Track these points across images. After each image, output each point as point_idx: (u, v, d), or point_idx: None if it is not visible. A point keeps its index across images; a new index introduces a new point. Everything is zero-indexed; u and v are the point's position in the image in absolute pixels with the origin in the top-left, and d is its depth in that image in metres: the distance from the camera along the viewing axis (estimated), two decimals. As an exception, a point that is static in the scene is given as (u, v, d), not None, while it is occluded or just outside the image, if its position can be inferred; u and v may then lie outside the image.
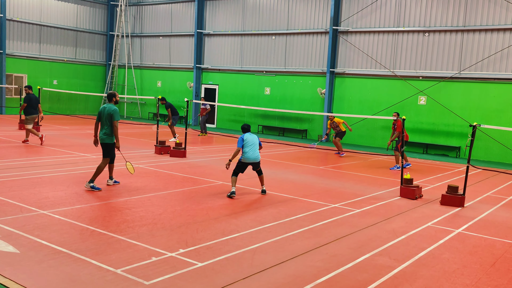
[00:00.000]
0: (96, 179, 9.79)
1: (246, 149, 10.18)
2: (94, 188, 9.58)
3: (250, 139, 10.27)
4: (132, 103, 31.53)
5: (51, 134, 18.66)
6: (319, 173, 13.79)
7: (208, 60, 27.94)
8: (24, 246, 6.22)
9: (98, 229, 7.13)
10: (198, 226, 7.65)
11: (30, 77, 28.09)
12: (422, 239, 7.66)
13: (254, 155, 10.19)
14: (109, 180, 10.27)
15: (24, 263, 5.69)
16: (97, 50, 31.77)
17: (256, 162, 10.34)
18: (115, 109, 9.71)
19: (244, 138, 10.29)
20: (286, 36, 24.81)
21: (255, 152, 10.25)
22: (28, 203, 8.33)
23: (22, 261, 5.76)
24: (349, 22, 22.76)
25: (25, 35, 27.92)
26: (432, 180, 13.62)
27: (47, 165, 12.12)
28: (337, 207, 9.55)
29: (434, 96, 20.47)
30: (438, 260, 6.72)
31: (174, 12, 29.39)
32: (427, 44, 20.79)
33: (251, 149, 10.19)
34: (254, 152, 10.22)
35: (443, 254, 7.00)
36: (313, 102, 23.86)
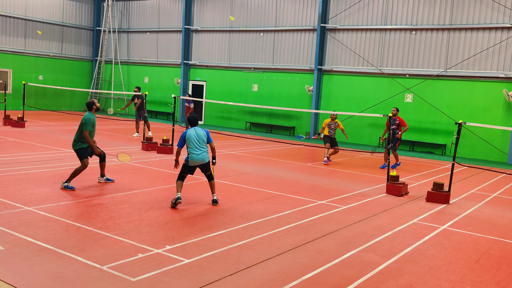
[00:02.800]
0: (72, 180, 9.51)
1: (190, 148, 8.67)
2: (68, 187, 9.24)
3: (193, 135, 8.66)
4: (119, 99, 31.31)
5: (37, 130, 18.47)
6: (306, 170, 13.83)
7: (196, 57, 27.84)
8: (9, 243, 6.15)
9: (84, 226, 7.08)
10: (184, 222, 7.64)
11: (15, 72, 27.75)
12: (408, 236, 7.73)
13: (200, 156, 8.61)
14: (100, 177, 10.18)
15: (9, 260, 5.63)
16: (84, 45, 31.47)
17: (204, 164, 8.74)
18: (85, 119, 9.39)
19: (186, 135, 8.69)
20: (274, 33, 24.81)
21: (201, 152, 8.64)
22: (13, 200, 8.24)
23: (7, 258, 5.70)
24: (337, 19, 22.82)
25: (10, 29, 27.55)
26: (418, 177, 13.73)
27: (33, 161, 11.99)
28: (324, 203, 9.60)
29: (420, 94, 20.64)
30: (423, 256, 6.78)
31: (161, 8, 29.22)
32: (414, 42, 20.94)
33: (196, 148, 8.61)
34: (200, 152, 8.63)
35: (428, 250, 7.07)
36: (301, 99, 23.91)
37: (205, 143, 8.77)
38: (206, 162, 8.76)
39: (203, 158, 8.68)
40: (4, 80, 26.79)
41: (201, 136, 8.71)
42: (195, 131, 8.74)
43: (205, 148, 8.75)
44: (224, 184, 10.80)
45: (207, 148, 8.86)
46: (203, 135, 8.74)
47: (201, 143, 8.71)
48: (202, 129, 8.86)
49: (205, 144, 8.78)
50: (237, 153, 16.31)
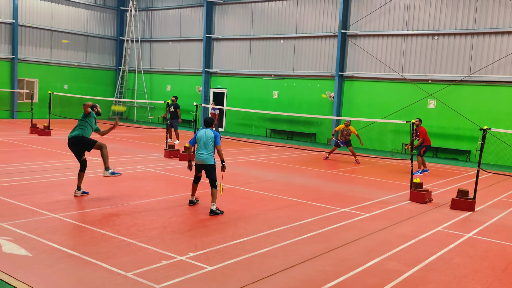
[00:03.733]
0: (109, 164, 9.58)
1: (197, 148, 8.81)
2: (114, 173, 9.47)
3: (202, 135, 8.76)
4: (142, 107, 31.71)
5: (62, 138, 18.82)
6: (328, 177, 13.77)
7: (217, 65, 28.05)
8: (36, 250, 6.29)
9: (109, 233, 7.18)
10: (207, 229, 7.69)
11: (41, 82, 28.37)
12: (432, 244, 7.63)
13: (202, 157, 8.65)
14: (77, 190, 9.43)
15: (36, 266, 5.76)
16: (107, 55, 32.02)
17: (205, 166, 8.70)
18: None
19: (197, 135, 8.84)
20: (294, 40, 24.84)
21: (205, 153, 8.65)
22: (40, 207, 8.41)
23: (34, 264, 5.83)
24: (358, 25, 22.75)
25: (36, 40, 28.21)
26: (442, 184, 13.55)
27: (58, 169, 12.22)
28: (346, 211, 9.54)
29: (443, 100, 20.38)
30: (448, 264, 6.69)
31: (183, 17, 29.56)
32: (436, 47, 20.72)
33: (201, 148, 8.69)
34: (204, 153, 8.65)
35: (453, 258, 6.97)
36: (321, 106, 23.85)
37: (212, 146, 8.74)
38: (207, 164, 8.69)
39: (205, 159, 8.66)
40: (30, 89, 27.41)
41: (209, 138, 8.72)
42: (205, 132, 8.81)
43: (210, 150, 8.72)
44: (245, 191, 10.84)
45: (213, 151, 8.81)
46: (211, 137, 8.73)
47: (208, 144, 8.71)
48: (212, 131, 8.84)
49: (212, 147, 8.74)
50: (258, 160, 16.34)
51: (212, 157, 8.75)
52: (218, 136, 8.80)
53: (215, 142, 8.74)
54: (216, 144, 8.74)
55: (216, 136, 8.76)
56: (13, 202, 8.62)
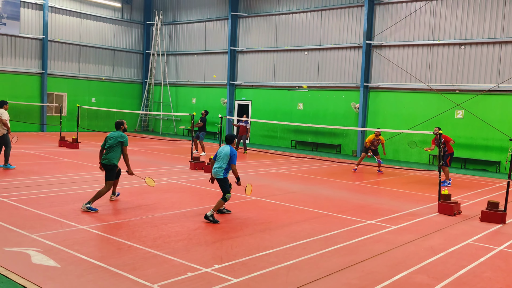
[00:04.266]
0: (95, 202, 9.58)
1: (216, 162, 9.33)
2: (91, 209, 9.15)
3: (220, 151, 9.23)
4: (168, 120, 32.08)
5: (90, 151, 19.16)
6: (354, 188, 13.64)
7: (241, 77, 28.22)
8: (64, 261, 6.38)
9: (135, 244, 7.25)
10: (232, 242, 7.68)
11: (69, 95, 29.03)
12: (462, 257, 7.45)
13: (214, 170, 9.17)
14: (112, 196, 10.30)
15: (65, 277, 5.84)
16: (134, 68, 32.59)
17: (216, 179, 9.18)
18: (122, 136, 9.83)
19: (218, 151, 9.39)
20: (319, 51, 24.84)
21: (218, 168, 9.12)
22: (68, 218, 8.55)
23: (62, 275, 5.91)
24: (383, 36, 22.62)
25: (65, 55, 28.93)
26: (471, 195, 13.26)
27: (86, 181, 12.43)
28: (373, 223, 9.41)
29: (471, 110, 20.02)
30: (479, 278, 6.51)
31: (208, 30, 29.91)
32: (463, 56, 20.42)
33: (216, 163, 9.21)
34: (217, 167, 9.14)
35: (484, 272, 6.78)
36: (347, 117, 23.71)
37: (225, 162, 9.05)
38: (217, 177, 9.09)
39: (215, 173, 9.09)
40: (59, 103, 28.07)
41: (224, 154, 9.05)
42: (224, 148, 9.16)
43: (222, 165, 9.04)
44: (270, 203, 10.81)
45: (226, 167, 9.07)
46: (226, 154, 9.04)
47: (222, 160, 9.07)
48: (230, 149, 9.13)
49: (224, 163, 9.05)
50: (282, 171, 16.31)
51: (221, 171, 9.06)
52: (234, 156, 9.06)
53: (230, 161, 9.05)
54: (231, 163, 9.07)
55: (232, 156, 9.04)
56: (43, 214, 8.79)
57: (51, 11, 27.91)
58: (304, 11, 25.30)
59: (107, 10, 30.63)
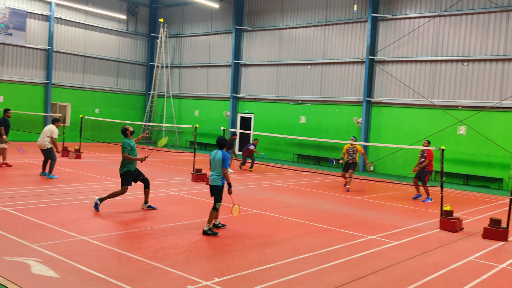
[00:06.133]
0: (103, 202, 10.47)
1: (210, 169, 9.06)
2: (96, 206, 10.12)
3: (213, 157, 8.95)
4: (170, 132, 32.15)
5: (92, 161, 19.18)
6: (355, 203, 13.60)
7: (245, 90, 28.32)
8: (64, 271, 6.36)
9: (135, 256, 7.22)
10: (233, 255, 7.65)
11: (73, 106, 29.14)
12: (464, 274, 7.40)
13: (210, 177, 8.93)
14: (144, 204, 10.74)
15: (64, 288, 5.81)
16: (138, 80, 32.75)
17: (212, 187, 8.88)
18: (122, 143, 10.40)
19: (210, 156, 9.07)
20: (322, 65, 24.95)
21: (213, 174, 8.87)
22: (69, 229, 8.54)
23: (62, 286, 5.89)
24: (386, 51, 22.72)
25: (70, 65, 29.11)
26: (473, 212, 13.20)
27: (88, 192, 12.42)
28: (375, 238, 9.37)
29: (474, 126, 20.02)
30: (481, 296, 6.46)
31: (212, 44, 30.09)
32: (466, 73, 20.48)
33: (211, 170, 8.96)
34: (211, 174, 8.91)
35: (486, 290, 6.73)
36: (349, 131, 23.71)
37: (221, 167, 8.81)
38: (213, 185, 8.86)
39: (212, 180, 8.88)
40: (63, 113, 28.17)
41: (217, 159, 8.84)
42: (216, 154, 8.94)
43: (219, 172, 8.83)
44: (272, 217, 10.78)
45: (221, 173, 8.84)
46: (219, 159, 8.82)
47: (216, 166, 8.86)
48: (223, 153, 8.88)
49: (220, 169, 8.82)
50: (284, 185, 16.28)
51: (218, 179, 8.86)
52: (227, 159, 8.81)
53: (222, 165, 8.78)
54: (223, 167, 8.79)
55: (225, 159, 8.79)
56: (44, 224, 8.78)
57: (57, 22, 28.15)
58: (307, 25, 25.47)
59: (112, 22, 30.88)
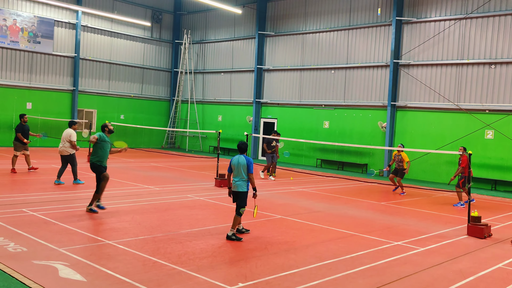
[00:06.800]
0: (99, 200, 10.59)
1: (233, 175, 8.98)
2: (92, 210, 10.30)
3: (235, 162, 8.87)
4: (194, 137, 32.38)
5: (117, 167, 19.45)
6: (380, 209, 13.44)
7: (267, 95, 28.35)
8: (90, 275, 6.46)
9: (160, 260, 7.28)
10: (257, 260, 7.64)
11: (99, 112, 29.63)
12: (493, 281, 7.23)
13: (235, 183, 8.85)
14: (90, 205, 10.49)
15: (91, 292, 5.90)
16: (162, 86, 33.13)
17: (237, 193, 8.86)
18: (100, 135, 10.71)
19: (232, 162, 8.97)
20: (345, 70, 24.81)
21: (238, 180, 8.82)
22: (95, 233, 8.67)
23: (88, 289, 5.98)
24: (410, 55, 22.46)
25: (96, 72, 29.64)
26: (502, 218, 12.90)
27: (113, 197, 12.59)
28: (400, 244, 9.24)
29: (502, 130, 19.60)
30: (510, 304, 6.31)
31: (235, 49, 30.25)
32: (493, 76, 20.09)
33: (235, 175, 8.89)
34: (237, 180, 8.83)
35: (516, 298, 6.57)
36: (373, 136, 23.50)
37: (245, 173, 8.79)
38: (238, 191, 8.82)
39: (239, 186, 8.81)
40: (89, 119, 28.66)
41: (241, 165, 8.79)
42: (238, 159, 8.87)
43: (243, 178, 8.81)
44: (295, 222, 10.74)
45: (246, 178, 8.85)
46: (243, 164, 8.77)
47: (240, 171, 8.79)
48: (246, 158, 8.85)
49: (244, 174, 8.80)
50: (308, 190, 16.21)
51: (244, 184, 8.85)
52: (251, 164, 8.82)
53: (248, 170, 8.79)
54: (249, 172, 8.80)
55: (249, 164, 8.78)
56: (71, 228, 8.93)
57: (83, 30, 28.71)
58: (331, 30, 25.38)
59: (137, 29, 31.34)
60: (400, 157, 16.24)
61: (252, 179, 8.86)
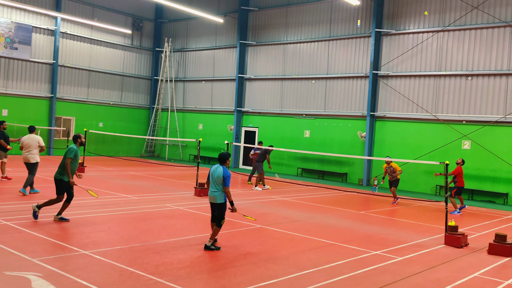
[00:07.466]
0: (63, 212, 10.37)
1: (210, 184, 8.83)
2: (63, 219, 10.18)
3: (213, 171, 8.73)
4: (174, 145, 32.17)
5: (96, 175, 19.17)
6: (360, 218, 13.50)
7: (249, 104, 28.38)
8: (65, 286, 6.30)
9: (137, 271, 7.16)
10: (236, 270, 7.57)
11: (77, 120, 29.24)
12: (470, 291, 7.29)
13: (212, 194, 8.68)
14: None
15: (65, 303, 5.75)
16: (142, 94, 32.89)
17: (215, 204, 8.70)
18: (68, 148, 10.27)
19: (210, 171, 8.83)
20: (326, 80, 24.99)
21: (215, 191, 8.64)
22: (71, 243, 8.49)
23: (62, 301, 5.83)
24: (389, 66, 22.75)
25: (74, 79, 29.28)
26: (478, 227, 13.07)
27: (91, 206, 12.39)
28: (379, 254, 9.27)
29: (478, 141, 19.94)
30: (487, 313, 6.36)
31: (216, 58, 30.25)
32: (470, 88, 20.45)
33: (212, 185, 8.73)
34: (213, 190, 8.67)
35: (492, 307, 6.63)
36: (353, 145, 23.67)
37: (220, 185, 8.61)
38: (216, 202, 8.66)
39: (215, 197, 8.64)
40: (67, 127, 28.26)
41: (217, 176, 8.61)
42: (216, 169, 8.70)
43: (219, 189, 8.63)
44: (275, 232, 10.70)
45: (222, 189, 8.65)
46: (220, 175, 8.58)
47: (216, 182, 8.63)
48: (224, 170, 8.65)
49: (220, 186, 8.62)
50: (288, 199, 16.20)
51: (221, 195, 8.67)
52: (227, 178, 8.56)
53: (223, 183, 8.56)
54: (224, 186, 8.56)
55: (225, 177, 8.54)
56: (45, 238, 8.74)
57: (62, 37, 28.38)
58: (312, 40, 25.58)
59: (117, 36, 31.12)
60: (392, 168, 16.46)
61: (228, 193, 8.60)
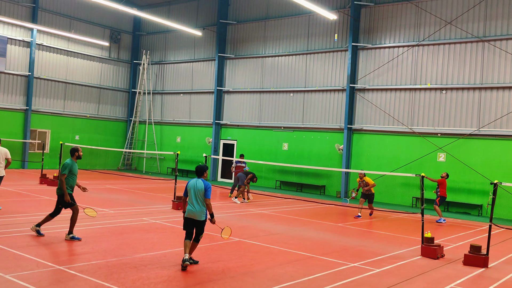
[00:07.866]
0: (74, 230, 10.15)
1: (188, 199, 8.36)
2: (74, 238, 9.92)
3: (192, 186, 8.32)
4: (152, 158, 31.92)
5: (71, 189, 18.84)
6: (337, 230, 13.57)
7: (227, 116, 28.40)
8: (38, 303, 6.16)
9: (114, 286, 7.05)
10: (214, 284, 7.52)
11: (53, 133, 28.81)
12: (446, 302, 7.37)
13: (192, 210, 8.25)
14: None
15: (38, 321, 5.62)
16: (119, 106, 32.63)
17: (195, 221, 8.28)
18: (62, 164, 10.22)
19: (187, 186, 8.39)
20: (303, 93, 25.21)
21: (194, 206, 8.23)
22: (45, 258, 8.32)
23: (35, 318, 5.69)
24: (366, 79, 23.09)
25: (50, 92, 28.89)
26: (453, 239, 13.26)
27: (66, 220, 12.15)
28: (357, 266, 9.32)
29: (453, 153, 20.31)
30: (463, 324, 6.43)
31: (195, 71, 30.25)
32: (444, 101, 20.88)
33: (192, 200, 8.27)
34: (193, 206, 8.25)
35: (468, 318, 6.71)
36: (331, 158, 23.85)
37: (198, 198, 8.25)
38: (197, 220, 8.27)
39: (196, 214, 8.23)
40: (42, 140, 27.80)
41: (198, 189, 8.25)
42: (196, 183, 8.33)
43: (201, 204, 8.27)
44: (253, 245, 10.67)
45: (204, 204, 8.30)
46: (201, 189, 8.23)
47: (198, 197, 8.25)
48: (204, 182, 8.32)
49: (201, 200, 8.26)
50: (266, 212, 16.19)
51: (203, 213, 8.31)
52: (209, 189, 8.24)
53: (205, 195, 8.22)
54: (205, 197, 8.22)
55: (206, 189, 8.22)
56: (18, 253, 8.54)
57: (38, 49, 28.05)
58: (289, 54, 25.82)
59: (94, 48, 30.89)
60: (365, 182, 16.50)
61: (209, 205, 8.28)
